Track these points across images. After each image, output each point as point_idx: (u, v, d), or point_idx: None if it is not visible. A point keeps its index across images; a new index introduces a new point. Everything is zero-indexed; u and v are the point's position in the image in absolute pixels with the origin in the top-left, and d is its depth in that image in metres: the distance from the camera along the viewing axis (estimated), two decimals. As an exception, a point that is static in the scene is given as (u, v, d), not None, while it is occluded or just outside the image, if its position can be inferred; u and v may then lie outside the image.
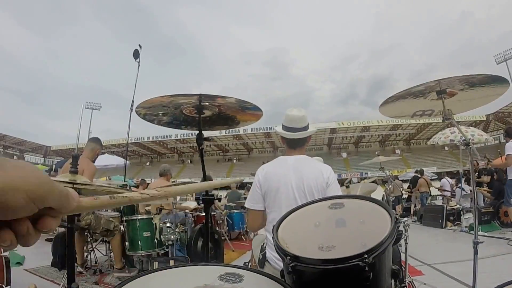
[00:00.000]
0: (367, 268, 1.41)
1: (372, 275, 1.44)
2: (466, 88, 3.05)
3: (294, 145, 3.49)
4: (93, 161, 6.38)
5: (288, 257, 1.57)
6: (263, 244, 3.38)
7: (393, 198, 16.90)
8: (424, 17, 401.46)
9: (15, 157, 73.15)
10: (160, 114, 2.85)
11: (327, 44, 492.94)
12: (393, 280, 1.76)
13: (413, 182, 19.43)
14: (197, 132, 2.95)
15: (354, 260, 1.43)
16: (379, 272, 1.55)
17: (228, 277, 1.57)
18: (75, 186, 2.02)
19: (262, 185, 3.31)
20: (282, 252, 1.65)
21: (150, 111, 2.80)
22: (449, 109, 3.24)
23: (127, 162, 14.89)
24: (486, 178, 14.01)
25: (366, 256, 1.41)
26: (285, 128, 3.50)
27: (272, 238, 1.81)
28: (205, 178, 3.28)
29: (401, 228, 4.53)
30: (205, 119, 2.98)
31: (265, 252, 3.18)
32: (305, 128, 3.47)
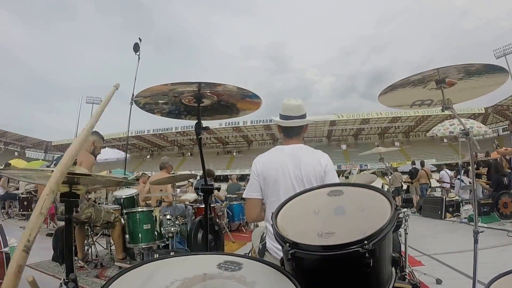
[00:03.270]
0: (367, 255, 1.41)
1: (372, 262, 1.43)
2: (465, 77, 3.04)
3: (290, 134, 3.48)
4: (94, 155, 6.35)
5: (287, 244, 1.57)
6: (263, 234, 3.37)
7: (392, 189, 17.01)
8: (424, 11, 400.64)
9: (16, 153, 73.29)
10: (160, 103, 2.84)
11: (327, 38, 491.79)
12: (393, 268, 1.76)
13: (411, 174, 19.51)
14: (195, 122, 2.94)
15: (354, 246, 1.43)
16: (379, 259, 1.55)
17: (227, 265, 1.58)
18: (72, 176, 2.01)
19: (260, 174, 3.30)
20: (281, 239, 1.65)
21: (150, 100, 2.79)
22: (448, 98, 3.22)
23: (128, 155, 14.92)
24: (483, 170, 14.03)
25: (366, 242, 1.41)
26: (282, 116, 3.49)
27: (272, 225, 1.81)
28: (204, 167, 3.27)
29: (400, 216, 4.53)
30: (205, 108, 2.97)
31: (265, 242, 3.17)
32: (301, 116, 3.46)
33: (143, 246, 6.34)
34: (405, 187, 20.86)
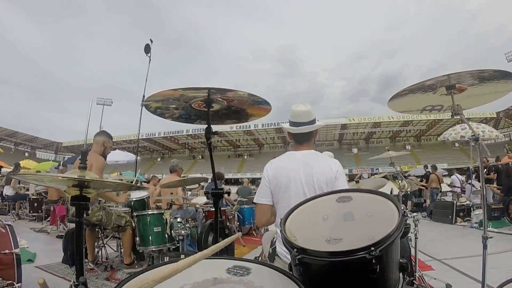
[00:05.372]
0: (374, 261, 1.42)
1: (379, 268, 1.45)
2: (476, 83, 3.04)
3: (301, 140, 3.49)
4: (104, 155, 6.32)
5: (295, 250, 1.59)
6: (273, 238, 3.38)
7: (406, 193, 17.07)
8: (435, 16, 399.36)
9: (26, 153, 73.43)
10: (171, 108, 2.86)
11: (338, 42, 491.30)
12: (401, 274, 1.77)
13: (427, 177, 19.50)
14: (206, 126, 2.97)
15: (361, 253, 1.44)
16: (386, 265, 1.56)
17: (235, 270, 1.59)
18: (84, 181, 2.03)
19: (271, 180, 3.31)
20: (289, 244, 1.67)
21: (160, 105, 2.81)
22: (458, 104, 3.22)
23: (138, 158, 14.90)
24: (492, 175, 13.97)
25: (373, 248, 1.42)
26: (291, 123, 3.50)
27: (280, 231, 1.82)
28: (214, 172, 3.29)
29: (409, 222, 4.53)
30: (216, 113, 2.99)
31: (275, 247, 3.19)
32: (311, 122, 3.46)
33: (154, 249, 6.37)
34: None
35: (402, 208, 1.69)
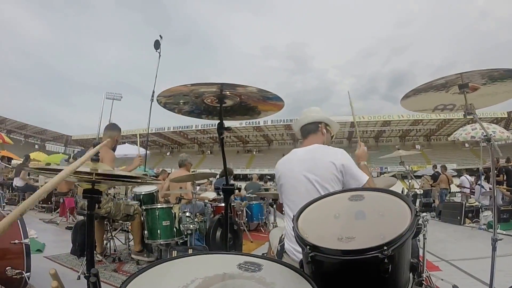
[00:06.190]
0: (386, 260, 1.42)
1: (391, 267, 1.45)
2: (488, 82, 3.02)
3: (305, 134, 3.60)
4: (113, 149, 6.35)
5: (308, 247, 1.59)
6: (282, 235, 3.38)
7: (414, 193, 17.03)
8: (444, 12, 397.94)
9: (36, 146, 73.60)
10: (181, 103, 2.87)
11: (347, 39, 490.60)
12: (411, 274, 1.77)
13: (434, 177, 19.42)
14: (217, 121, 2.96)
15: (373, 252, 1.44)
16: (398, 265, 1.56)
17: (247, 266, 1.60)
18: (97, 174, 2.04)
19: (277, 180, 3.41)
20: (302, 241, 1.67)
21: (170, 100, 2.81)
22: (471, 103, 3.21)
23: (148, 152, 14.90)
24: (502, 177, 13.90)
25: (385, 248, 1.42)
26: None
27: (292, 228, 1.82)
28: (226, 167, 3.29)
29: (420, 222, 4.53)
30: (226, 108, 2.99)
31: (284, 244, 3.19)
32: (303, 120, 3.62)
33: (162, 242, 6.38)
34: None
35: (415, 207, 1.68)
